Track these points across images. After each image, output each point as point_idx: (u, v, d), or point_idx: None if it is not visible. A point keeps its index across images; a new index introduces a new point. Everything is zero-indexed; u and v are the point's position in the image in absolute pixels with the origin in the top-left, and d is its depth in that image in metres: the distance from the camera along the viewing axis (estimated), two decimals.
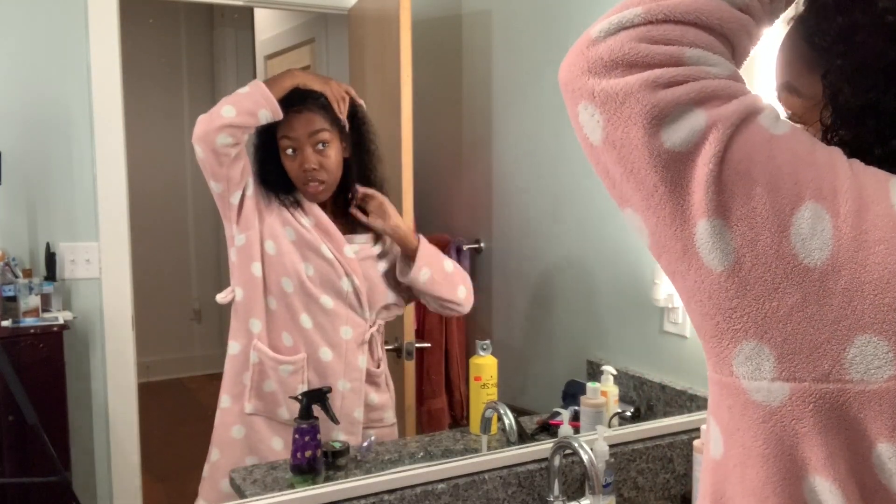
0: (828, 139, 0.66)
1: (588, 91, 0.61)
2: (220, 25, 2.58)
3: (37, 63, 1.49)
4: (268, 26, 2.38)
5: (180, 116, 2.47)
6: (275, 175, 1.61)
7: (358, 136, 1.67)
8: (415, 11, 1.88)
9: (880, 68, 0.63)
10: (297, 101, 1.59)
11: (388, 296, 1.70)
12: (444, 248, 2.17)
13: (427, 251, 1.68)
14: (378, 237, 1.70)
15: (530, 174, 2.25)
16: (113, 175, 1.46)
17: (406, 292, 1.73)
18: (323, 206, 1.65)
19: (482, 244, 2.26)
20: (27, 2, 1.48)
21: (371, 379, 1.71)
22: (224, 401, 1.63)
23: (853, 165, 0.58)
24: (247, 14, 2.38)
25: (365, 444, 1.62)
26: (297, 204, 1.62)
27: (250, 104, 1.51)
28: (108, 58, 1.44)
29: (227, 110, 1.49)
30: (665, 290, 1.93)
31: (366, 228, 1.69)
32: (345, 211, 1.69)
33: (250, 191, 1.57)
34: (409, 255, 1.67)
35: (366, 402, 1.70)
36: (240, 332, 1.61)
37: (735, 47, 0.63)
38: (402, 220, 1.70)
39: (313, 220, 1.62)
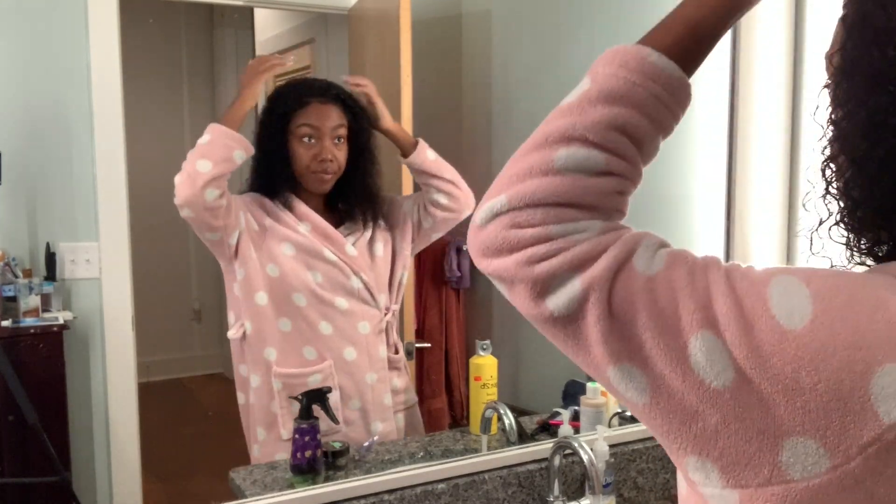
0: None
1: (487, 271, 0.66)
2: (220, 25, 2.58)
3: (36, 63, 1.49)
4: (268, 26, 2.38)
5: (180, 116, 2.47)
6: (277, 167, 1.61)
7: (365, 132, 1.69)
8: (415, 11, 1.88)
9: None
10: (318, 92, 1.62)
11: (393, 271, 1.73)
12: (443, 248, 2.18)
13: (422, 144, 1.71)
14: (366, 220, 1.70)
15: None
16: (113, 175, 1.46)
17: (410, 247, 1.75)
18: (314, 204, 1.66)
19: None
20: (27, 2, 1.48)
21: (392, 364, 1.74)
22: (260, 433, 1.63)
23: (730, 278, 0.60)
24: (247, 14, 2.38)
25: (366, 444, 1.62)
26: (289, 208, 1.62)
27: (222, 150, 1.50)
28: (108, 58, 1.44)
29: (202, 165, 1.48)
30: None
31: (355, 217, 1.69)
32: (335, 207, 1.70)
33: (243, 225, 1.57)
34: (408, 146, 1.70)
35: (393, 387, 1.73)
36: (258, 363, 1.61)
37: (602, 210, 0.65)
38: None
39: (309, 225, 1.63)
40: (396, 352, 1.75)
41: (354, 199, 1.70)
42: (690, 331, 0.58)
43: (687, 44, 0.67)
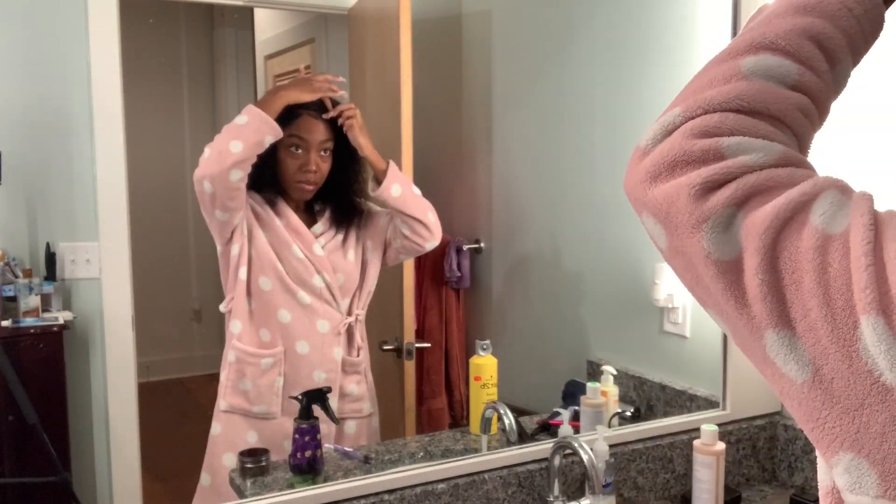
0: None
1: (644, 202, 0.59)
2: (220, 25, 2.58)
3: (36, 63, 1.49)
4: (268, 26, 2.38)
5: (180, 116, 2.47)
6: (266, 170, 1.65)
7: (347, 146, 1.72)
8: (415, 11, 1.88)
9: None
10: (310, 105, 1.66)
11: (361, 278, 1.76)
12: (443, 247, 2.18)
13: (397, 171, 1.73)
14: (340, 224, 1.74)
15: (530, 174, 2.25)
16: (113, 175, 1.46)
17: (380, 259, 1.78)
18: (295, 205, 1.71)
19: (482, 244, 2.26)
20: (27, 2, 1.48)
21: (351, 369, 1.75)
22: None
23: None
24: (247, 14, 2.38)
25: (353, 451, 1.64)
26: (272, 204, 1.68)
27: (255, 134, 1.56)
28: (108, 58, 1.44)
29: (234, 146, 1.54)
30: (665, 290, 1.93)
31: (329, 219, 1.74)
32: (312, 208, 1.75)
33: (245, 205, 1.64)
34: (379, 174, 1.71)
35: (344, 392, 1.74)
36: (228, 335, 1.68)
37: (790, 127, 0.58)
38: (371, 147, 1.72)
39: (285, 221, 1.68)
40: (358, 355, 1.76)
41: (333, 203, 1.75)
42: (861, 311, 0.50)
43: None
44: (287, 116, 1.62)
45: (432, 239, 1.75)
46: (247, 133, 1.55)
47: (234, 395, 1.67)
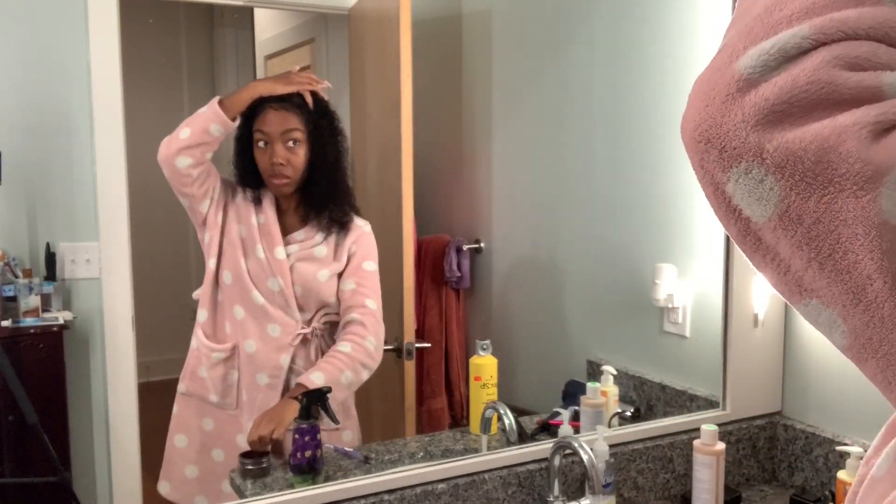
0: None
1: (754, 150, 0.43)
2: (220, 25, 2.58)
3: (36, 63, 1.49)
4: (268, 26, 2.38)
5: (180, 116, 2.46)
6: (247, 166, 1.68)
7: (326, 135, 1.70)
8: (415, 11, 1.88)
9: None
10: (275, 98, 1.66)
11: (325, 299, 1.71)
12: (443, 247, 2.18)
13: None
14: (325, 238, 1.71)
15: (530, 174, 2.25)
16: (113, 175, 1.46)
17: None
18: (282, 202, 1.71)
19: (482, 244, 2.26)
20: (27, 2, 1.48)
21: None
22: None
23: None
24: (247, 14, 2.38)
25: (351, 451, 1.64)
26: (258, 201, 1.69)
27: (202, 122, 1.59)
28: (107, 58, 1.44)
29: (183, 132, 1.59)
30: (665, 290, 1.93)
31: (315, 228, 1.71)
32: (301, 208, 1.72)
33: (216, 195, 1.66)
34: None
35: None
36: (196, 322, 1.72)
37: None
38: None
39: (263, 219, 1.68)
40: None
41: (318, 203, 1.71)
42: None
43: None
44: (255, 111, 1.64)
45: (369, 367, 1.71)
46: (197, 121, 1.59)
47: (192, 380, 1.70)
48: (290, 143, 1.66)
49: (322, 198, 1.71)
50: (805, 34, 0.43)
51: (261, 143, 1.66)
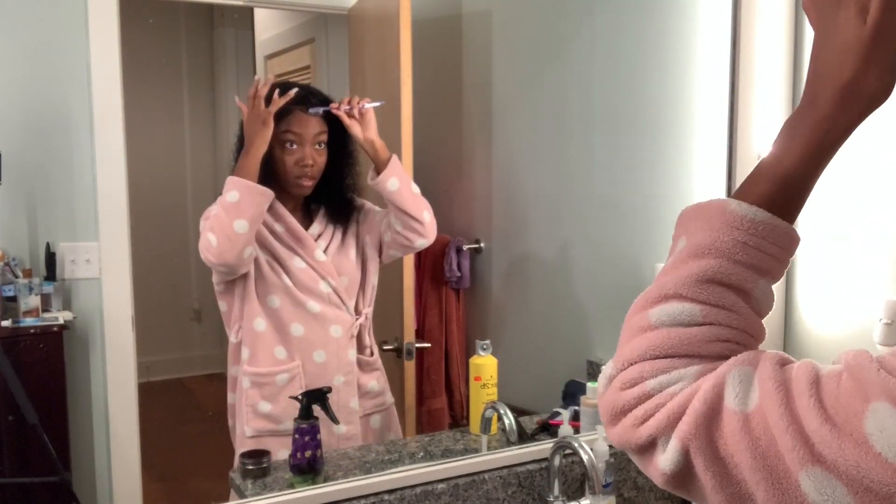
0: None
1: (612, 439, 0.68)
2: (220, 25, 2.58)
3: (36, 63, 1.49)
4: (268, 26, 2.38)
5: (180, 116, 2.47)
6: (262, 169, 1.64)
7: (343, 137, 1.72)
8: (415, 11, 1.88)
9: None
10: (300, 100, 1.65)
11: (363, 276, 1.76)
12: (443, 247, 2.18)
13: (398, 165, 1.72)
14: (337, 222, 1.74)
15: (530, 174, 2.25)
16: (113, 175, 1.46)
17: (377, 255, 1.78)
18: (292, 205, 1.71)
19: (482, 244, 2.26)
20: (27, 2, 1.48)
21: (368, 367, 1.75)
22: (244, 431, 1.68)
23: (823, 404, 0.55)
24: (247, 14, 2.38)
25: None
26: (270, 209, 1.66)
27: (255, 208, 1.56)
28: (107, 58, 1.44)
29: (240, 226, 1.53)
30: None
31: (326, 218, 1.74)
32: (308, 207, 1.75)
33: None
34: (380, 165, 1.70)
35: (365, 390, 1.75)
36: (241, 363, 1.66)
37: (702, 355, 0.64)
38: (378, 137, 1.71)
39: (284, 227, 1.67)
40: (371, 354, 1.77)
41: (329, 200, 1.74)
42: (796, 470, 0.54)
43: (775, 195, 0.66)
44: (278, 115, 1.61)
45: (424, 237, 1.73)
46: (246, 209, 1.54)
47: (256, 419, 1.64)
48: (318, 146, 1.69)
49: (333, 193, 1.74)
50: (611, 366, 0.67)
51: (288, 144, 1.66)
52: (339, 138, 1.72)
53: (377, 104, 1.71)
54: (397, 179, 1.70)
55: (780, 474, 0.55)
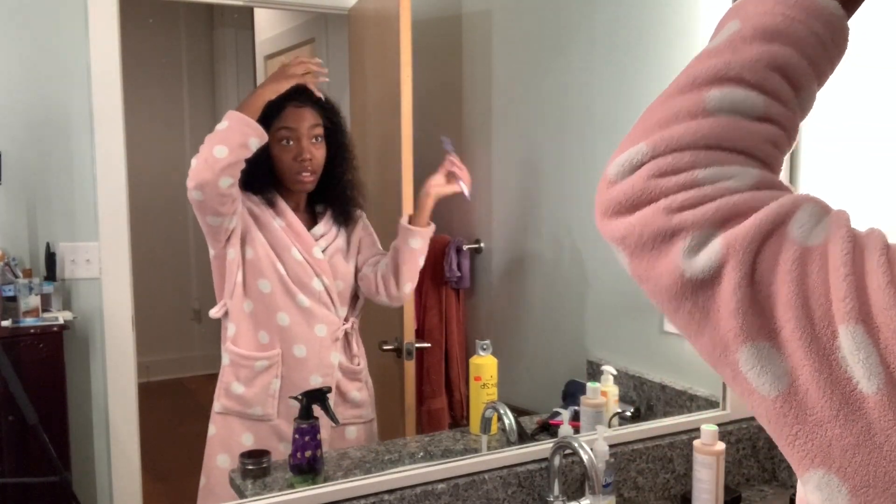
0: None
1: (610, 232, 0.60)
2: (220, 25, 2.58)
3: (36, 63, 1.49)
4: (268, 26, 2.38)
5: (180, 116, 2.47)
6: (261, 168, 1.65)
7: (340, 130, 1.74)
8: (415, 11, 1.88)
9: None
10: (295, 96, 1.65)
11: (356, 290, 1.78)
12: (443, 248, 2.18)
13: (430, 236, 1.78)
14: (341, 226, 1.75)
15: (530, 174, 2.25)
16: (113, 175, 1.46)
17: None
18: (294, 203, 1.71)
19: (482, 244, 2.26)
20: (27, 2, 1.48)
21: (351, 375, 1.75)
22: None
23: (892, 265, 0.51)
24: (247, 14, 2.38)
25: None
26: (271, 204, 1.68)
27: (239, 137, 1.55)
28: (107, 58, 1.44)
29: (219, 150, 1.53)
30: None
31: (330, 221, 1.75)
32: (313, 209, 1.76)
33: (240, 207, 1.63)
34: (420, 222, 1.77)
35: (346, 398, 1.74)
36: (223, 338, 1.68)
37: (760, 158, 0.58)
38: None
39: (284, 222, 1.68)
40: (358, 364, 1.77)
41: (332, 198, 1.75)
42: (840, 320, 0.50)
43: None
44: (271, 112, 1.62)
45: (388, 299, 1.77)
46: (230, 137, 1.54)
47: (227, 397, 1.67)
48: (314, 140, 1.69)
49: (337, 192, 1.75)
50: (644, 151, 0.57)
51: (284, 142, 1.67)
52: (333, 133, 1.72)
53: (467, 193, 1.80)
54: (422, 244, 1.75)
55: (818, 319, 0.50)
